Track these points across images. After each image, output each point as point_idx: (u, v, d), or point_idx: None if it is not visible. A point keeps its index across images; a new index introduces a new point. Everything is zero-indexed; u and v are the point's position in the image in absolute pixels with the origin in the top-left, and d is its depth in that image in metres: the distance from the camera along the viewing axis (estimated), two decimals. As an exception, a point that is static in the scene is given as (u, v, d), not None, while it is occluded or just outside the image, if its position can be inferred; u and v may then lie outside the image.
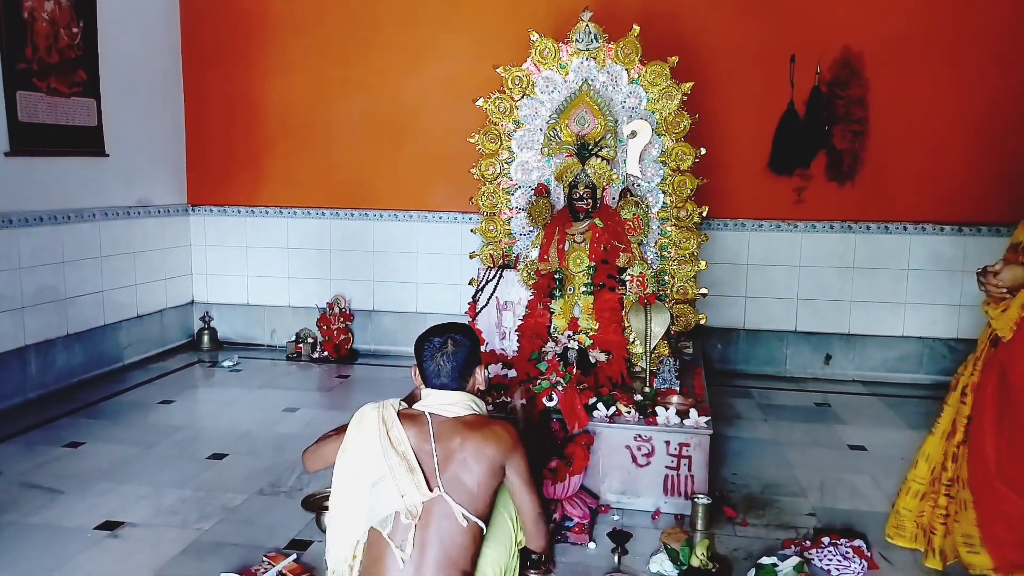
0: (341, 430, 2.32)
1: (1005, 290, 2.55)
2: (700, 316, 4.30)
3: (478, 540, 2.21)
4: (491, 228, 4.42)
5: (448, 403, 2.28)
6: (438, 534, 2.14)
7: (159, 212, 5.71)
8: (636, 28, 4.11)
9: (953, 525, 2.69)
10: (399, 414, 2.26)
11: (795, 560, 2.76)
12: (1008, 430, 2.54)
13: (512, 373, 3.82)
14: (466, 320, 4.18)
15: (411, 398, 2.45)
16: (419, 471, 2.16)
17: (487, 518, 2.25)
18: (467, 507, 2.16)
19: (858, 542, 2.94)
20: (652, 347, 3.77)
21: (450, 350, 2.29)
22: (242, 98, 5.84)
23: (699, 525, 3.09)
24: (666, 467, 3.28)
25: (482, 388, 2.41)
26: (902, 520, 2.87)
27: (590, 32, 4.12)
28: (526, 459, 2.29)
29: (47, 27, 4.60)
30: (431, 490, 2.14)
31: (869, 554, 2.89)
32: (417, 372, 2.36)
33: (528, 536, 2.38)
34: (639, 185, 4.24)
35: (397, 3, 5.57)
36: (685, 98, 4.13)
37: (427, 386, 2.33)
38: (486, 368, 3.82)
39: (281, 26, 5.72)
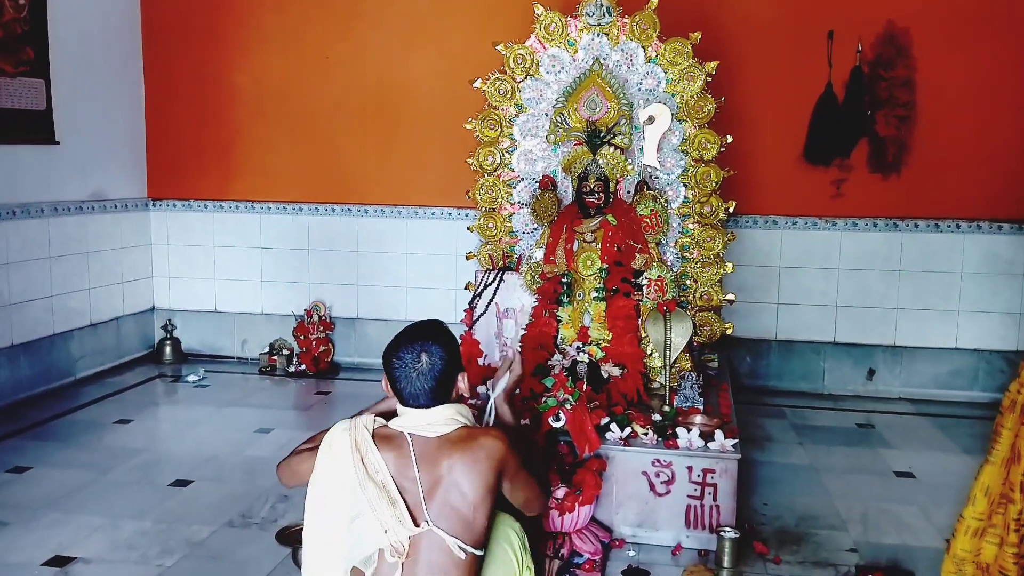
0: (315, 442, 2.29)
1: None
2: (726, 325, 4.30)
3: (475, 573, 2.20)
4: (490, 225, 4.43)
5: (430, 422, 2.23)
6: (429, 570, 2.12)
7: (116, 207, 5.72)
8: (654, 0, 4.12)
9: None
10: (374, 435, 2.22)
11: (834, 602, 2.76)
12: None
13: (503, 360, 3.81)
14: (460, 329, 4.18)
15: (381, 409, 2.43)
16: (402, 503, 2.13)
17: (485, 546, 2.24)
18: (462, 537, 2.14)
19: (906, 581, 2.93)
20: (672, 360, 3.77)
21: (425, 366, 2.22)
22: (210, 79, 5.85)
23: (725, 562, 3.09)
24: (688, 496, 3.28)
25: (466, 395, 2.39)
26: (963, 567, 2.84)
27: (602, 5, 4.13)
28: (517, 457, 2.28)
29: (-9, -1, 4.62)
30: (417, 524, 2.12)
31: (918, 595, 2.89)
32: (388, 385, 2.31)
33: (529, 510, 2.45)
34: (657, 177, 4.24)
35: (385, -28, 5.60)
36: (709, 79, 4.14)
37: (403, 405, 2.27)
38: (485, 383, 3.85)
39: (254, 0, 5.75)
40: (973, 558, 2.80)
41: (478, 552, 2.19)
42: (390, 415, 2.34)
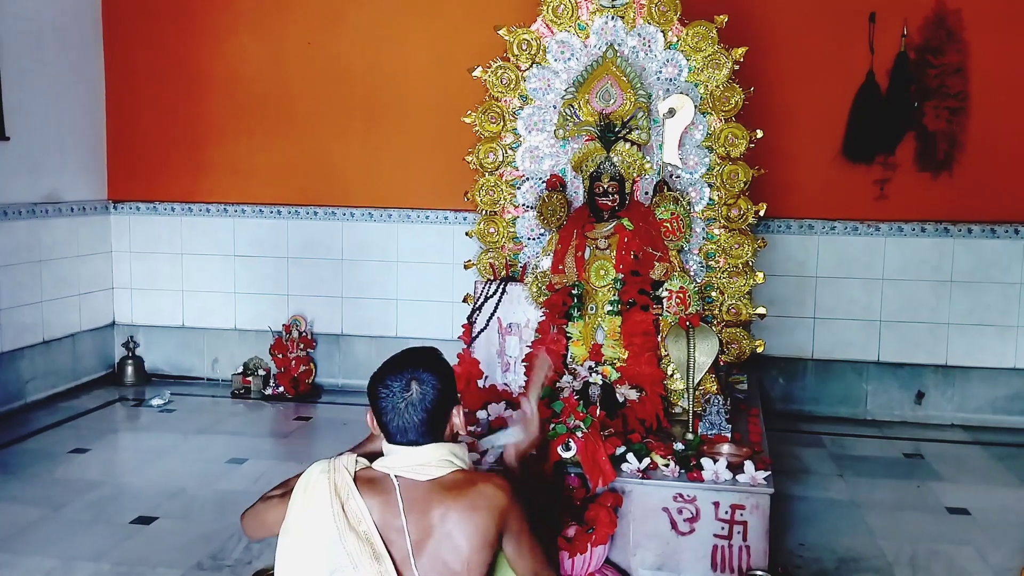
0: (287, 487, 2.26)
1: None
2: (757, 343, 4.29)
3: (472, 633, 2.18)
4: (491, 230, 4.43)
5: (419, 463, 2.19)
6: None
7: (72, 210, 5.75)
8: (675, -21, 4.15)
9: None
10: (356, 478, 2.18)
11: (880, 655, 2.75)
12: None
13: (518, 415, 3.81)
14: (457, 346, 4.18)
15: (367, 449, 2.41)
16: (387, 557, 2.09)
17: None
18: None
19: (960, 632, 2.92)
20: (696, 382, 3.76)
21: (415, 397, 2.18)
22: (178, 68, 5.89)
23: (757, 610, 3.08)
24: (715, 535, 3.27)
25: (461, 433, 2.34)
26: None
27: (617, -16, 4.15)
28: (523, 513, 2.23)
29: (-66, -22, 4.65)
30: None
31: (975, 648, 2.87)
32: (373, 419, 2.27)
33: None
34: (679, 176, 4.25)
35: (373, -52, 5.64)
36: (736, 67, 4.15)
37: (390, 442, 2.23)
38: (485, 408, 3.85)
39: (228, -23, 5.79)
40: None
41: None
42: (375, 457, 2.29)
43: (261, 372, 5.83)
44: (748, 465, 3.32)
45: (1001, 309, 5.32)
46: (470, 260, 4.58)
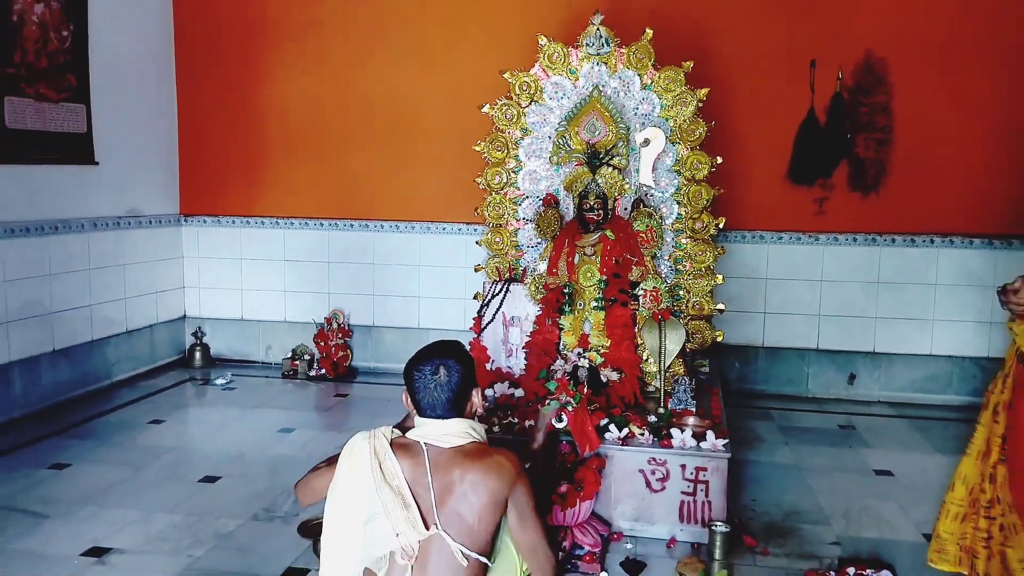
0: (332, 461, 2.29)
1: None
2: (717, 333, 4.29)
3: (481, 576, 2.19)
4: (497, 240, 4.44)
5: (445, 433, 2.23)
6: (437, 574, 2.11)
7: (150, 223, 5.75)
8: (649, 32, 4.14)
9: (997, 548, 2.72)
10: (392, 444, 2.22)
11: (819, 592, 2.75)
12: None
13: (519, 392, 3.82)
14: (469, 336, 4.18)
15: (404, 424, 2.43)
16: (415, 507, 2.11)
17: (489, 552, 2.21)
18: (466, 544, 2.12)
19: (885, 573, 2.92)
20: (666, 365, 3.77)
21: (443, 379, 2.22)
22: (237, 103, 5.89)
23: (717, 554, 3.08)
24: (682, 492, 3.27)
25: (480, 412, 2.37)
26: (944, 544, 2.90)
27: (601, 36, 4.15)
28: (530, 489, 2.24)
29: (36, 30, 4.65)
30: (428, 528, 2.11)
31: (897, 586, 2.88)
32: (408, 398, 2.31)
33: (533, 572, 2.32)
34: (652, 195, 4.25)
35: (401, 6, 5.62)
36: (700, 104, 4.14)
37: (421, 416, 2.28)
38: (492, 387, 3.86)
39: (279, 29, 5.77)
40: (958, 540, 2.86)
41: (483, 559, 2.16)
42: (406, 431, 2.34)
43: (306, 357, 5.82)
44: (710, 435, 3.33)
45: (920, 305, 5.31)
46: (479, 264, 4.59)
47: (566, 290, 4.04)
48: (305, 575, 2.95)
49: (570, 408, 3.29)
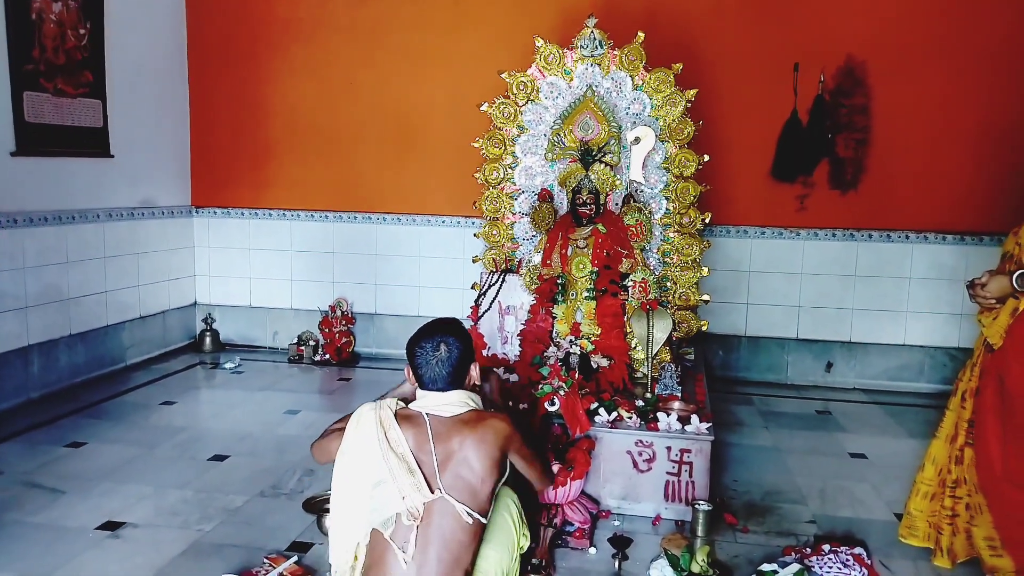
0: (344, 423, 2.34)
1: (993, 300, 2.63)
2: (702, 322, 4.30)
3: (479, 537, 2.25)
4: (494, 232, 4.43)
5: (445, 403, 2.31)
6: (440, 533, 2.16)
7: (163, 213, 5.73)
8: (641, 35, 4.13)
9: (961, 525, 2.79)
10: (396, 415, 2.27)
11: (795, 567, 2.76)
12: (1011, 434, 2.58)
13: (514, 377, 3.82)
14: (466, 324, 4.18)
15: (406, 396, 2.46)
16: (419, 473, 2.18)
17: (488, 514, 2.27)
18: (469, 504, 2.19)
19: (858, 550, 2.94)
20: (654, 353, 3.77)
21: (443, 355, 2.30)
22: (247, 101, 5.86)
23: (700, 531, 3.10)
24: (667, 473, 3.28)
25: (477, 383, 2.44)
26: (914, 520, 2.96)
27: (595, 38, 4.13)
28: (523, 440, 2.37)
29: (54, 28, 4.62)
30: (432, 491, 2.16)
31: (869, 562, 2.90)
32: (411, 372, 2.38)
33: (538, 485, 2.56)
34: (642, 191, 4.25)
35: (403, 9, 5.59)
36: (689, 105, 4.14)
37: (423, 389, 2.34)
38: (488, 379, 3.85)
39: (287, 30, 5.74)
40: (927, 517, 2.93)
41: (483, 519, 2.22)
42: (408, 401, 2.39)
43: (312, 343, 5.81)
44: (694, 418, 3.34)
45: (894, 298, 5.33)
46: (477, 256, 4.58)
47: (559, 281, 4.04)
48: (309, 549, 2.96)
49: (562, 392, 3.30)
